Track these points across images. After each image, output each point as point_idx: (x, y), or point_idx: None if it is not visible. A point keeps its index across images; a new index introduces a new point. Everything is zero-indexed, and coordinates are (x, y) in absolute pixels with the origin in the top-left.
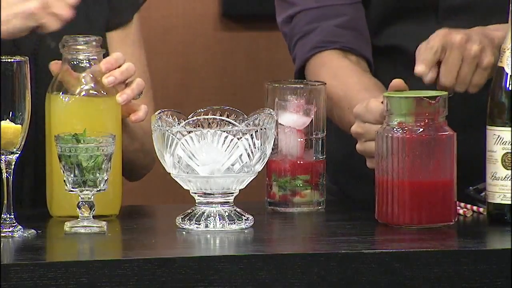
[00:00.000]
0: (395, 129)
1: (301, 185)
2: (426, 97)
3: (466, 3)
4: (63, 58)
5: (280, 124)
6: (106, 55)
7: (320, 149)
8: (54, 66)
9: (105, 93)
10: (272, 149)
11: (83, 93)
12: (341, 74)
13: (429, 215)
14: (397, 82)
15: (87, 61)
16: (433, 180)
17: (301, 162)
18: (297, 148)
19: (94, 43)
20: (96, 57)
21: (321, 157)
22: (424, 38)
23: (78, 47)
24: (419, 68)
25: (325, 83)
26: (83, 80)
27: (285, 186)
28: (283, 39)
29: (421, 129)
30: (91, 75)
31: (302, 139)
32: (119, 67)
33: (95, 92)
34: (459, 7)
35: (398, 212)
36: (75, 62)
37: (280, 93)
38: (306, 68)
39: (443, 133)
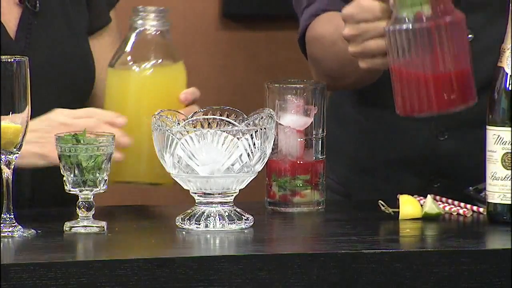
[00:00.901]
0: (412, 20)
1: (301, 185)
2: None
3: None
4: (130, 27)
5: (280, 124)
6: (91, 59)
7: (320, 149)
8: None
9: (171, 62)
10: (272, 149)
11: (149, 63)
12: (335, 19)
13: (455, 98)
14: None
15: (155, 31)
16: (457, 64)
17: (301, 162)
18: (297, 148)
19: (162, 14)
20: (163, 28)
21: (321, 157)
22: None
23: (147, 16)
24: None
25: (325, 83)
26: (150, 48)
27: (285, 186)
28: (282, 39)
29: (440, 15)
30: (158, 45)
31: (302, 139)
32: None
33: (161, 61)
34: (480, 2)
35: (422, 103)
36: (141, 29)
37: (280, 93)
38: (306, 32)
39: (459, 16)
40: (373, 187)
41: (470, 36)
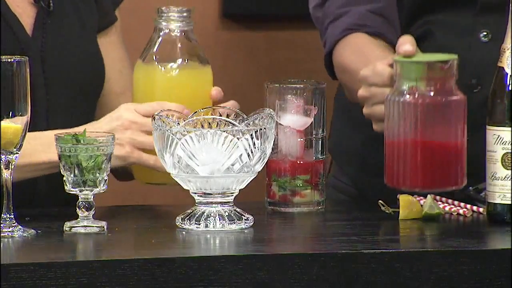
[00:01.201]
0: (406, 93)
1: (301, 185)
2: (438, 61)
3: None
4: (155, 28)
5: (280, 124)
6: (100, 57)
7: (320, 149)
8: None
9: (196, 63)
10: (272, 149)
11: (174, 63)
12: (364, 50)
13: (438, 179)
14: (405, 41)
15: (178, 31)
16: (443, 143)
17: (301, 162)
18: (297, 148)
19: (185, 14)
20: (187, 28)
21: (321, 157)
22: (459, 29)
23: (171, 17)
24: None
25: (325, 83)
26: (174, 49)
27: (285, 186)
28: (282, 39)
29: (432, 94)
30: (182, 45)
31: (302, 139)
32: None
33: (186, 62)
34: (498, 2)
35: (409, 175)
36: (167, 31)
37: (280, 93)
38: (334, 50)
39: (454, 97)
40: (385, 187)
41: (485, 39)
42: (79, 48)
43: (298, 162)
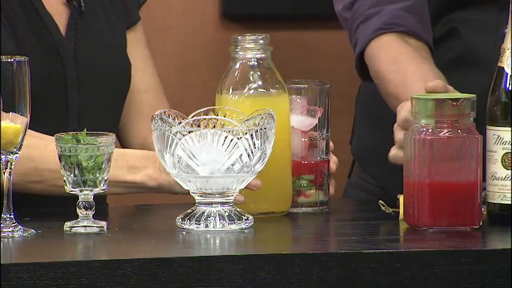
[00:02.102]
0: (419, 130)
1: (305, 185)
2: (449, 99)
3: None
4: (232, 58)
5: None
6: (126, 57)
7: (324, 149)
8: None
9: (273, 91)
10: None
11: (252, 91)
12: (400, 60)
13: (452, 218)
14: (433, 84)
15: (255, 60)
16: (454, 182)
17: (305, 162)
18: (301, 148)
19: (261, 41)
20: (264, 55)
21: (325, 157)
22: (483, 26)
23: (247, 46)
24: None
25: (329, 83)
26: (251, 78)
27: None
28: (282, 39)
29: (444, 131)
30: (259, 73)
31: (306, 139)
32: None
33: (263, 90)
34: None
35: (420, 215)
36: (243, 61)
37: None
38: (365, 51)
39: (466, 135)
40: None
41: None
42: (108, 49)
43: (303, 162)
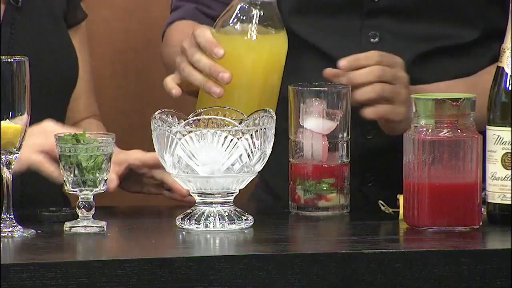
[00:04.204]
0: (419, 130)
1: (326, 188)
2: (448, 98)
3: (389, 6)
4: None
5: (304, 128)
6: (74, 53)
7: (345, 152)
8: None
9: (275, 30)
10: (296, 152)
11: (256, 30)
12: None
13: (451, 218)
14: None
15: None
16: (454, 182)
17: (326, 166)
18: (321, 152)
19: None
20: None
21: (346, 161)
22: (342, 36)
23: None
24: (342, 62)
25: (349, 86)
26: (255, 19)
27: (310, 189)
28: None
29: (444, 131)
30: (262, 13)
31: (325, 143)
32: None
33: (269, 29)
34: (382, 9)
35: (420, 215)
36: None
37: (305, 96)
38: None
39: (466, 136)
40: None
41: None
42: (51, 44)
43: (323, 165)
